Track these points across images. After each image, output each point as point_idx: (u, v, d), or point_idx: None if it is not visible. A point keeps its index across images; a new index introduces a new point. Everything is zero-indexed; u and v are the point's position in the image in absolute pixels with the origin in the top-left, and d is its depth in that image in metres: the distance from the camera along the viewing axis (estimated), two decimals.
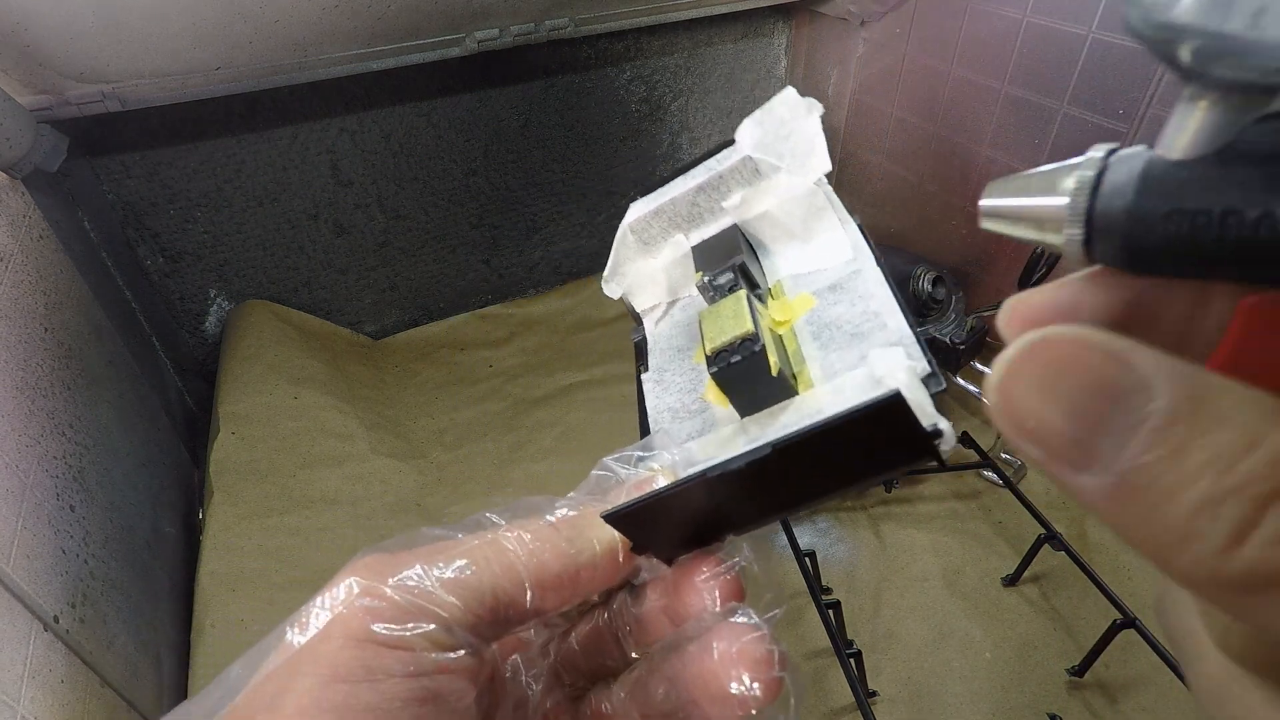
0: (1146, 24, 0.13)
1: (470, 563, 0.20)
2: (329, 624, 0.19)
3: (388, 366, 0.93)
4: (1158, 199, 0.13)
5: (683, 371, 0.28)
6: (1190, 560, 0.10)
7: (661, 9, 0.85)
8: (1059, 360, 0.11)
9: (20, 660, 0.39)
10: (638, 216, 0.30)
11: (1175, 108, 0.14)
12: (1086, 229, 0.14)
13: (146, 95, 0.64)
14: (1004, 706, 0.57)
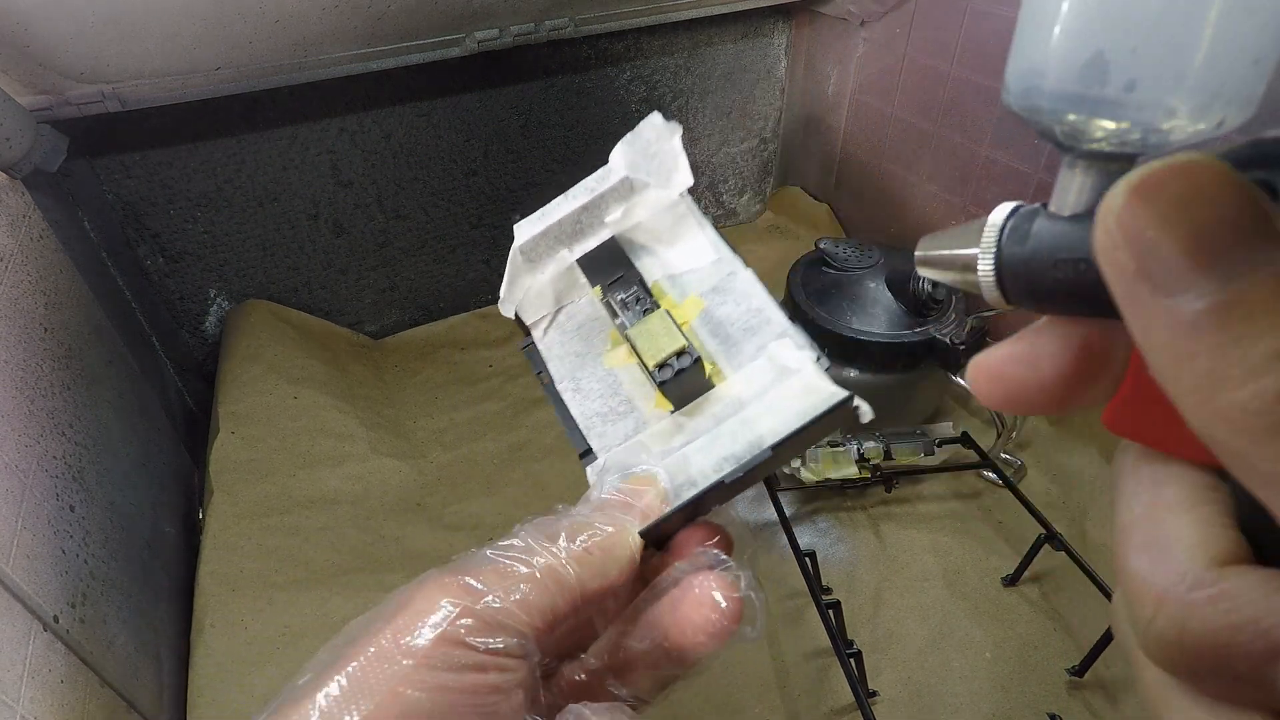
0: (1023, 108, 0.16)
1: (533, 588, 0.23)
2: (419, 628, 0.22)
3: (388, 366, 0.93)
4: (1047, 249, 0.16)
5: (598, 377, 0.32)
6: (1249, 394, 0.11)
7: (661, 9, 0.85)
8: (1208, 184, 0.11)
9: (20, 660, 0.39)
10: (527, 239, 0.33)
11: (1059, 172, 0.17)
12: (997, 275, 0.17)
13: (146, 95, 0.64)
14: (1004, 706, 0.57)
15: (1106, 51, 0.14)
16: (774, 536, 0.70)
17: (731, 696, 0.58)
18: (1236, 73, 0.14)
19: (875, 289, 0.75)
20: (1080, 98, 0.15)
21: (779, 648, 0.62)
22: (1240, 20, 0.13)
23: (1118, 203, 0.12)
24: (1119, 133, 0.15)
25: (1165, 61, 0.14)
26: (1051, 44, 0.15)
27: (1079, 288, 0.15)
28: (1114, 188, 0.12)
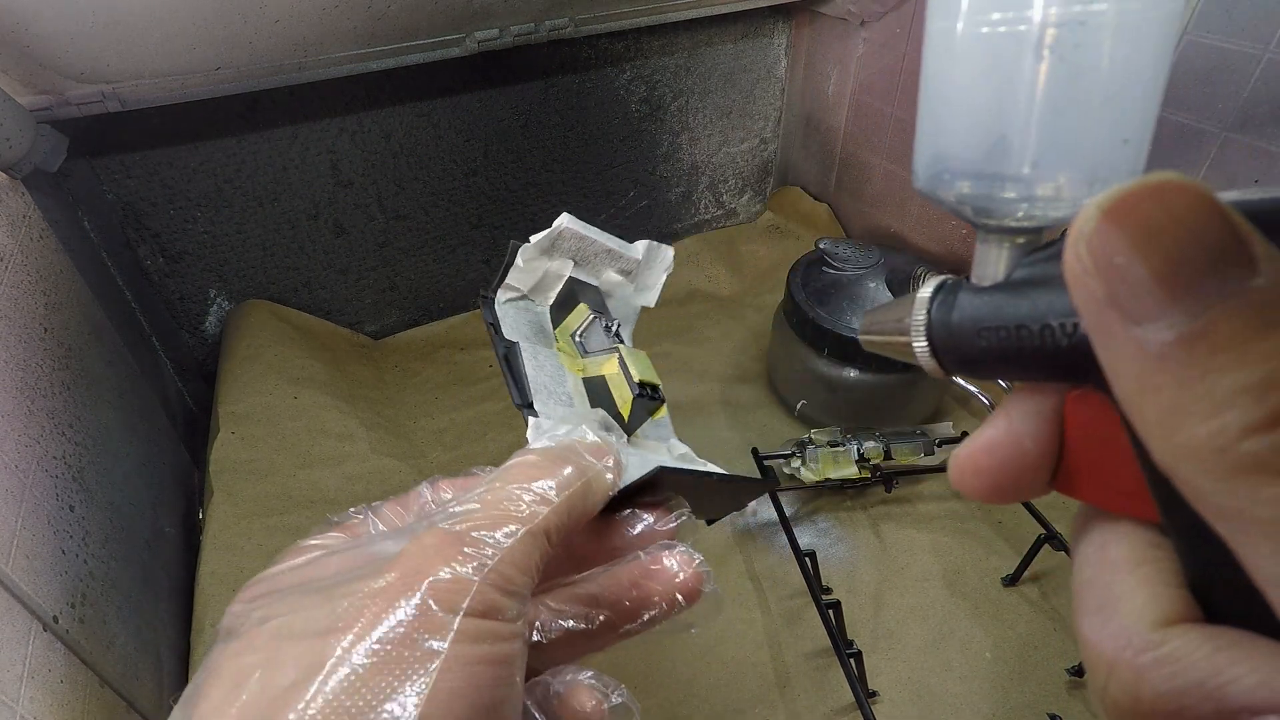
0: (935, 190, 0.18)
1: (535, 546, 0.22)
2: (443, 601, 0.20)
3: (388, 366, 0.93)
4: (971, 321, 0.16)
5: (552, 361, 0.36)
6: (1211, 431, 0.10)
7: (661, 9, 0.85)
8: (1180, 208, 0.11)
9: (20, 660, 0.39)
10: (572, 229, 0.38)
11: (976, 247, 0.18)
12: (930, 348, 0.18)
13: (146, 95, 0.64)
14: (1004, 706, 0.57)
15: (1009, 136, 0.16)
16: (774, 536, 0.70)
17: (731, 697, 0.58)
18: (1109, 152, 0.16)
19: (875, 289, 0.75)
20: (987, 176, 0.17)
21: (779, 648, 0.62)
22: (1105, 107, 0.15)
23: (1088, 226, 0.12)
24: (1022, 206, 0.16)
25: (1054, 142, 0.16)
26: (959, 133, 0.17)
27: (1006, 355, 0.16)
28: (1084, 209, 0.12)
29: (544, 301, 0.41)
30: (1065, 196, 0.16)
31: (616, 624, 0.26)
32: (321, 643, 0.19)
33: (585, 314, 0.39)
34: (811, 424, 0.81)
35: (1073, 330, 0.14)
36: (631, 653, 0.61)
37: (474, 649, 0.20)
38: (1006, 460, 0.17)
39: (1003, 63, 0.16)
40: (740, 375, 0.90)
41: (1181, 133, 0.65)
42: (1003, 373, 0.16)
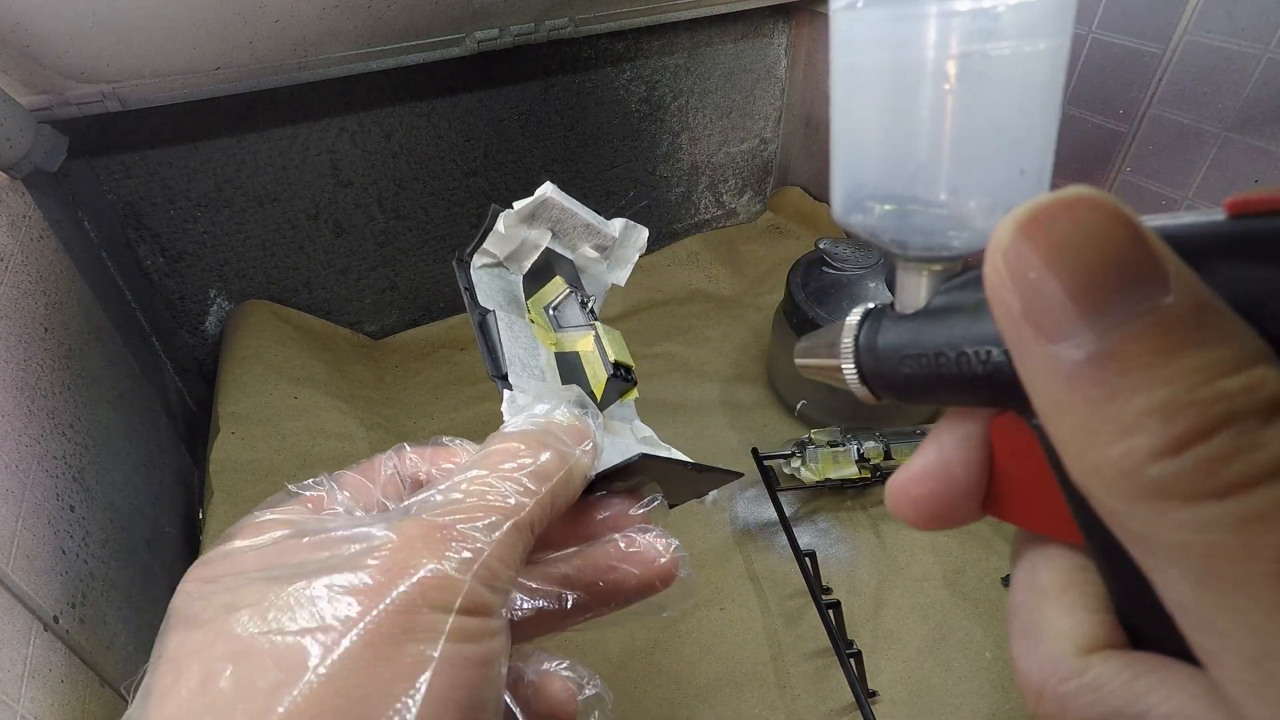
0: (853, 221, 0.18)
1: (519, 539, 0.22)
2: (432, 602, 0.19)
3: (388, 366, 0.93)
4: (893, 348, 0.17)
5: (525, 331, 0.36)
6: (1119, 453, 0.10)
7: (661, 9, 0.85)
8: (1093, 224, 0.11)
9: (20, 660, 0.39)
10: (554, 199, 0.38)
11: (897, 276, 0.18)
12: (859, 375, 0.18)
13: (146, 95, 0.64)
14: (1004, 706, 0.57)
15: (918, 166, 0.16)
16: (774, 536, 0.70)
17: (731, 696, 0.58)
18: (1008, 182, 0.16)
19: (875, 289, 0.75)
20: (899, 207, 0.17)
21: (779, 648, 0.62)
22: (1000, 139, 0.16)
23: (1004, 240, 0.12)
24: (933, 235, 0.17)
25: (959, 172, 0.16)
26: (871, 165, 0.17)
27: (928, 382, 0.16)
28: (1002, 223, 0.12)
29: (518, 270, 0.40)
30: (973, 226, 0.16)
31: (589, 605, 0.26)
32: (303, 642, 0.18)
33: (561, 287, 0.38)
34: (811, 424, 0.81)
35: (986, 357, 0.14)
36: (632, 653, 0.61)
37: (463, 649, 0.19)
38: (937, 488, 0.16)
39: (906, 97, 0.16)
40: (740, 375, 0.90)
41: (1181, 133, 0.65)
42: (928, 398, 0.16)
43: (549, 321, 0.38)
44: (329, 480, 0.25)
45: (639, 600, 0.26)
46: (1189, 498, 0.10)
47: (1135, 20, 0.66)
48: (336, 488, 0.25)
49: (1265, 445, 0.09)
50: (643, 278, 1.07)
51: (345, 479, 0.26)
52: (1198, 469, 0.10)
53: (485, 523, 0.21)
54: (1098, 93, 0.70)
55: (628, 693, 0.59)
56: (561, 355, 0.36)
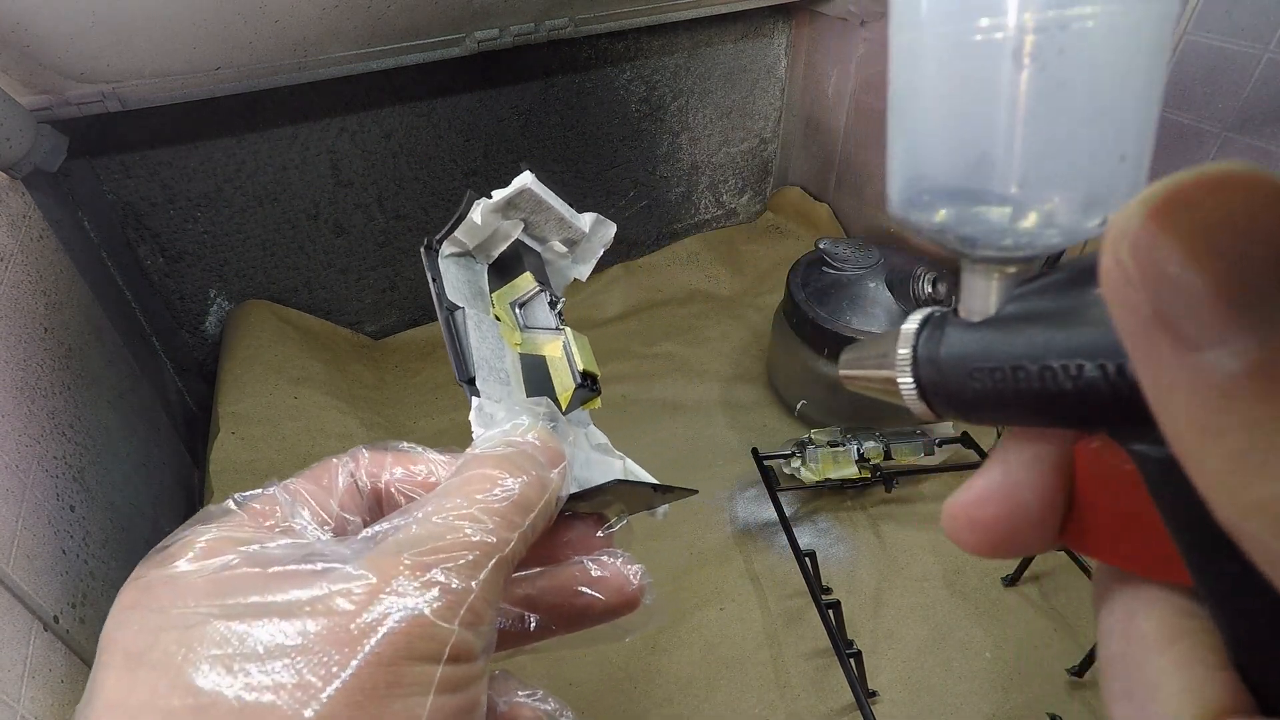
0: (911, 217, 0.16)
1: (499, 579, 0.20)
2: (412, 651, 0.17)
3: (388, 366, 0.93)
4: (960, 360, 0.15)
5: (492, 330, 0.34)
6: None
7: (661, 9, 0.85)
8: (1250, 206, 0.09)
9: (20, 660, 0.39)
10: (533, 190, 0.37)
11: (962, 277, 0.16)
12: (919, 390, 0.16)
13: (146, 95, 0.64)
14: (1004, 706, 0.57)
15: (991, 153, 0.14)
16: (774, 536, 0.70)
17: (731, 696, 0.58)
18: (1105, 170, 0.14)
19: (875, 289, 0.75)
20: (970, 200, 0.15)
21: (779, 648, 0.62)
22: (1096, 120, 0.14)
23: (1132, 225, 0.09)
24: (1010, 233, 0.15)
25: (1042, 160, 0.14)
26: (936, 153, 0.15)
27: (1002, 399, 0.14)
28: (1126, 209, 0.10)
29: (484, 260, 0.38)
30: (1058, 222, 0.14)
31: (551, 626, 0.25)
32: (278, 700, 0.16)
33: (530, 284, 0.37)
34: (811, 424, 0.80)
35: (1078, 373, 0.12)
36: (631, 654, 0.61)
37: (449, 700, 0.17)
38: (1003, 514, 0.15)
39: (979, 74, 0.14)
40: (740, 375, 0.90)
41: (1181, 133, 0.65)
42: (1000, 418, 0.14)
43: (514, 319, 0.37)
44: (281, 490, 0.23)
45: (602, 623, 0.25)
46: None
47: None
48: (291, 500, 0.23)
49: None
50: (643, 278, 1.07)
51: (299, 488, 0.24)
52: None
53: (469, 561, 0.19)
54: None
55: (628, 693, 0.59)
56: (526, 358, 0.35)
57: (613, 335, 0.96)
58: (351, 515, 0.24)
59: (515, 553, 0.21)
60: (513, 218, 0.38)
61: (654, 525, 0.72)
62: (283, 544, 0.20)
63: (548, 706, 0.23)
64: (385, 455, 0.26)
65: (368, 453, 0.25)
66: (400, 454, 0.26)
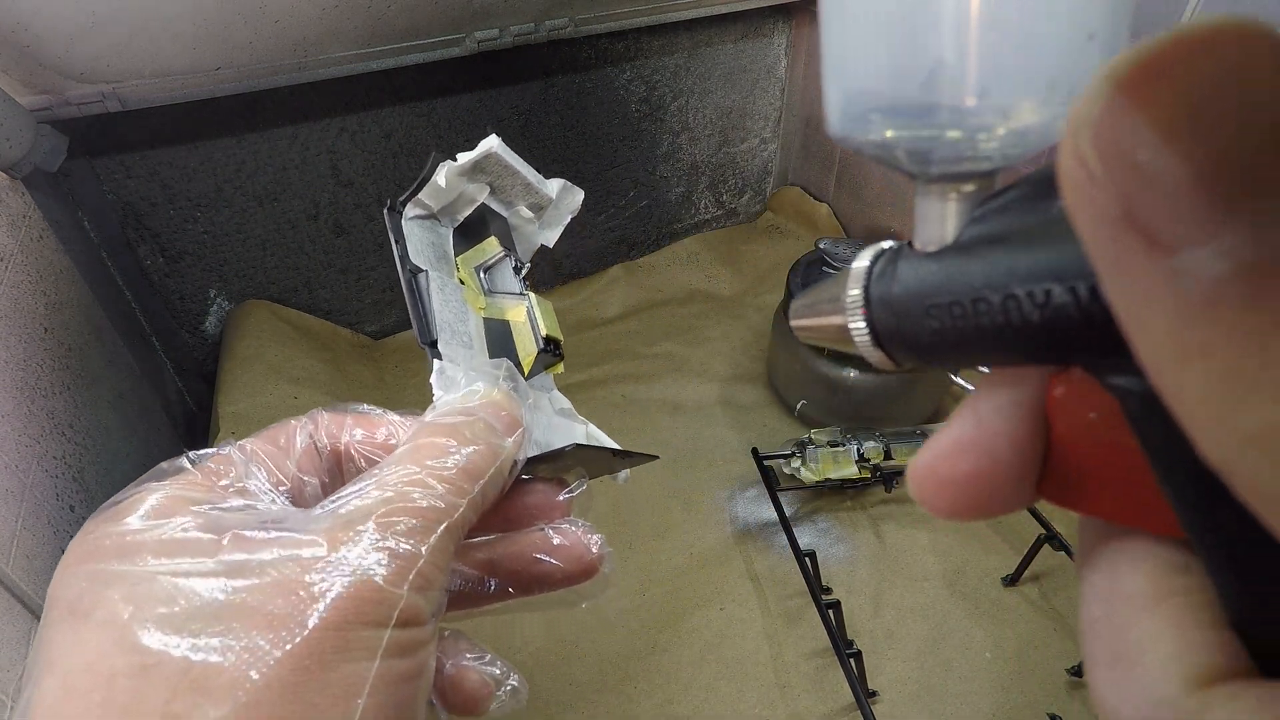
0: (854, 135, 0.14)
1: (449, 545, 0.20)
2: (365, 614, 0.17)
3: (388, 366, 0.93)
4: (915, 297, 0.13)
5: (456, 294, 0.34)
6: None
7: (661, 9, 0.85)
8: (1242, 70, 0.07)
9: (19, 660, 0.39)
10: (499, 155, 0.37)
11: (916, 201, 0.14)
12: (872, 336, 0.14)
13: (146, 95, 0.64)
14: (1004, 706, 0.57)
15: (941, 56, 0.12)
16: (774, 536, 0.70)
17: (731, 697, 0.58)
18: (1069, 53, 0.12)
19: None
20: (919, 111, 0.13)
21: (779, 648, 0.62)
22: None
23: (1095, 109, 0.08)
24: (967, 143, 0.13)
25: (999, 54, 0.12)
26: (878, 60, 0.13)
27: (963, 336, 0.12)
28: (1090, 88, 0.08)
29: (450, 223, 0.38)
30: (1020, 124, 0.12)
31: (509, 592, 0.25)
32: (224, 661, 0.16)
33: (495, 248, 0.37)
34: (811, 424, 0.81)
35: (1045, 299, 0.11)
36: (631, 654, 0.61)
37: (397, 664, 0.17)
38: (978, 470, 0.13)
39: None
40: (740, 375, 0.90)
41: None
42: (964, 358, 0.13)
43: (478, 284, 0.36)
44: (237, 450, 0.23)
45: (559, 589, 0.25)
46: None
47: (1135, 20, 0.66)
48: (246, 460, 0.22)
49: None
50: (643, 277, 1.07)
51: (256, 449, 0.23)
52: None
53: (417, 526, 0.19)
54: None
55: (628, 694, 0.59)
56: (490, 322, 0.35)
57: (613, 335, 0.96)
58: (309, 477, 0.23)
59: (465, 519, 0.21)
60: (479, 181, 0.38)
61: (655, 525, 0.72)
62: (236, 505, 0.20)
63: (495, 670, 0.23)
64: (345, 417, 0.25)
65: (327, 415, 0.25)
66: (360, 416, 0.25)
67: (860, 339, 0.14)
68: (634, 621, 0.64)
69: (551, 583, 0.25)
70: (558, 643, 0.62)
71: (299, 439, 0.24)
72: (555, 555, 0.25)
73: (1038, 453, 0.13)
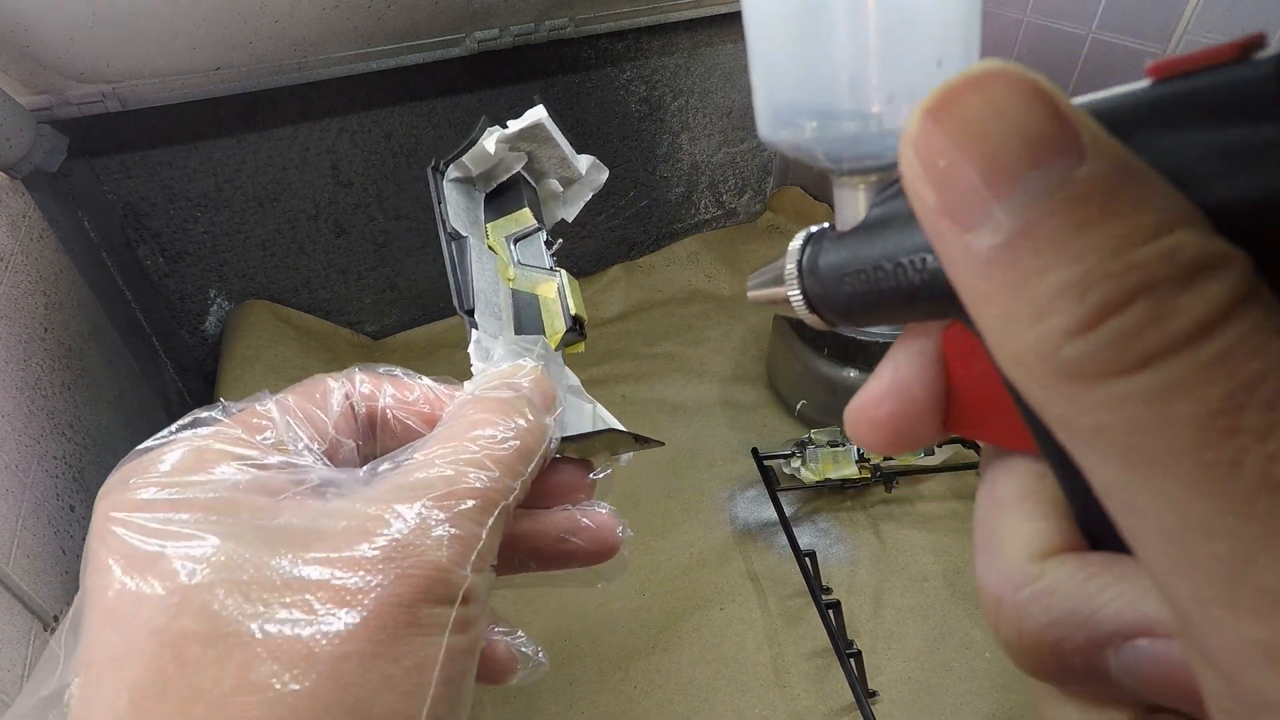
0: (782, 138, 0.17)
1: (503, 525, 0.21)
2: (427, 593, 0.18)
3: None
4: (834, 267, 0.16)
5: (491, 264, 0.34)
6: (1035, 337, 0.10)
7: (661, 9, 0.85)
8: (1003, 99, 0.10)
9: (20, 660, 0.39)
10: (547, 124, 0.36)
11: (834, 192, 0.17)
12: (805, 300, 0.18)
13: (146, 95, 0.64)
14: (1004, 706, 0.57)
15: (844, 71, 0.16)
16: (774, 536, 0.70)
17: (731, 696, 0.58)
18: (924, 75, 0.16)
19: None
20: (827, 117, 0.16)
21: (779, 648, 0.62)
22: (908, 30, 0.15)
23: (913, 128, 0.11)
24: (865, 142, 0.16)
25: (888, 74, 0.16)
26: (796, 77, 0.17)
27: (870, 299, 0.15)
28: (911, 111, 0.11)
29: (484, 190, 0.38)
30: (895, 131, 0.15)
31: (531, 566, 0.26)
32: (301, 634, 0.16)
33: (529, 220, 0.36)
34: (811, 424, 0.80)
35: (922, 265, 0.14)
36: (632, 654, 0.61)
37: (460, 639, 0.18)
38: (897, 410, 0.16)
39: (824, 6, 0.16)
40: (740, 375, 0.90)
41: None
42: (874, 317, 0.16)
43: (509, 254, 0.36)
44: (276, 405, 0.22)
45: (580, 567, 0.26)
46: (1103, 375, 0.09)
47: (1135, 20, 0.66)
48: (290, 420, 0.22)
49: (1179, 313, 0.09)
50: (643, 278, 1.07)
51: (293, 405, 0.23)
52: (1110, 345, 0.09)
53: (477, 507, 0.20)
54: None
55: (628, 694, 0.59)
56: (519, 294, 0.34)
57: (613, 335, 0.96)
58: (345, 438, 0.24)
59: (517, 500, 0.21)
60: (519, 150, 0.38)
61: (655, 525, 0.72)
62: (280, 462, 0.20)
63: (520, 642, 0.24)
64: (381, 379, 0.25)
65: (362, 374, 0.25)
66: (395, 379, 0.25)
67: (796, 304, 0.18)
68: (634, 621, 0.64)
69: (574, 561, 0.26)
70: (558, 642, 0.62)
71: (335, 399, 0.24)
72: (581, 536, 0.25)
73: (941, 392, 0.16)
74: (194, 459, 0.19)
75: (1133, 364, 0.09)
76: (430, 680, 0.17)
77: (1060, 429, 0.11)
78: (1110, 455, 0.10)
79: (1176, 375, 0.09)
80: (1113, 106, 0.11)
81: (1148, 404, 0.09)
